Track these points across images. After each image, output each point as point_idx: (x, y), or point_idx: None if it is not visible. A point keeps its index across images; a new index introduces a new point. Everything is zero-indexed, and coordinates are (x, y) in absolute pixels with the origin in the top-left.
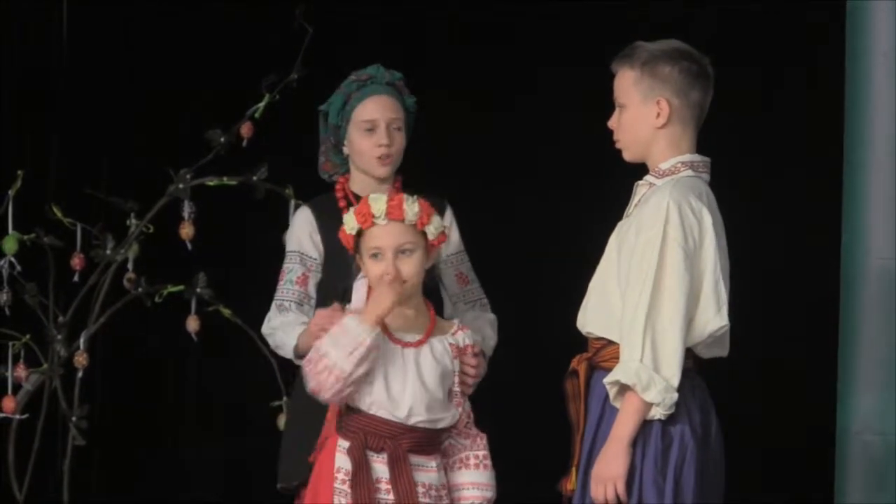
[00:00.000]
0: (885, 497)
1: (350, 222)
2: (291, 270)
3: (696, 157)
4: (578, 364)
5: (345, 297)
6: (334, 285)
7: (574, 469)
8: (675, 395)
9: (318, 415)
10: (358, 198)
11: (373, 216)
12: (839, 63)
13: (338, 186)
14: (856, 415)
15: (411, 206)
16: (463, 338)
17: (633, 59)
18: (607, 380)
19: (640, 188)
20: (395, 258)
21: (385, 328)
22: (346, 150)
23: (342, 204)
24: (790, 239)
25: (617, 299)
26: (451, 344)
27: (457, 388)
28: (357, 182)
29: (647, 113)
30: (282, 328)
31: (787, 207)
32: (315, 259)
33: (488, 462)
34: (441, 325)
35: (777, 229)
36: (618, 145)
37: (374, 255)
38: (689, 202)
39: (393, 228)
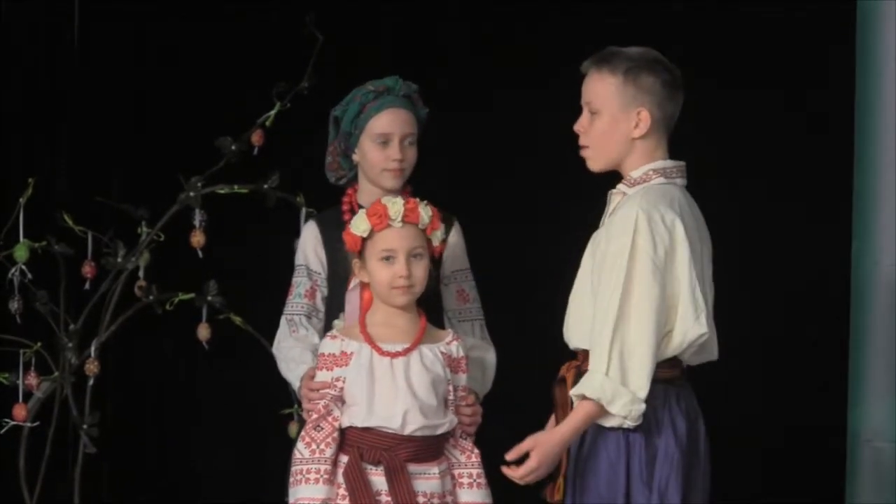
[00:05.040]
0: None
1: (361, 224)
2: (300, 284)
3: (669, 163)
4: (567, 371)
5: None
6: (336, 299)
7: (562, 478)
8: (643, 407)
9: None
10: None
11: (389, 218)
12: (850, 66)
13: (345, 199)
14: (866, 421)
15: (425, 210)
16: (457, 348)
17: (614, 64)
18: (573, 392)
19: (614, 197)
20: (408, 262)
21: (372, 340)
22: (355, 157)
23: (347, 217)
24: (800, 246)
25: (591, 310)
26: (443, 352)
27: (451, 397)
28: (365, 193)
29: (624, 122)
30: (287, 361)
31: (797, 214)
32: (320, 274)
33: (482, 480)
34: (433, 334)
35: (788, 234)
36: (585, 152)
37: (386, 259)
38: (659, 211)
39: (408, 231)
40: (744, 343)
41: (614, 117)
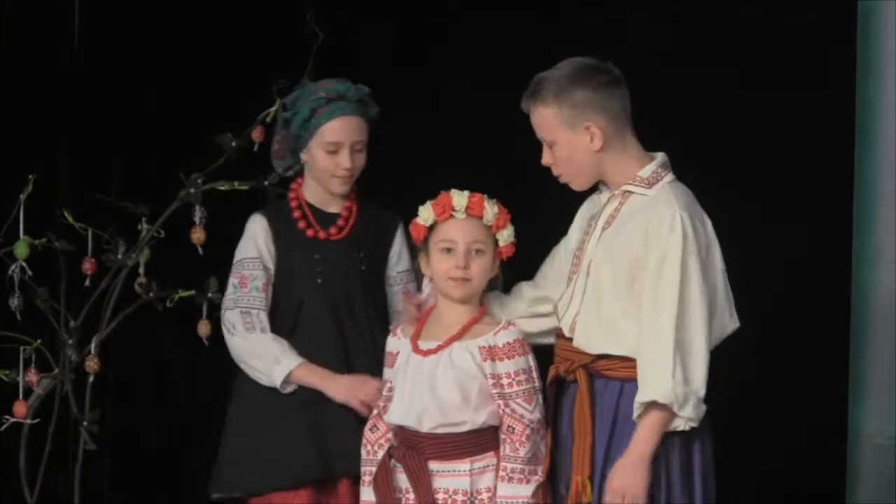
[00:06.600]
0: None
1: (425, 214)
2: (255, 277)
3: (665, 158)
4: (569, 372)
5: (300, 310)
6: (284, 297)
7: (588, 480)
8: (705, 408)
9: (262, 421)
10: (311, 207)
11: (452, 209)
12: (850, 66)
13: (291, 194)
14: (867, 419)
15: (491, 207)
16: (506, 335)
17: (543, 94)
18: (642, 399)
19: (615, 198)
20: (467, 255)
21: (415, 337)
22: (304, 157)
23: (296, 214)
24: (802, 243)
25: (618, 315)
26: (481, 347)
27: (494, 391)
28: (310, 190)
29: (580, 141)
30: (262, 356)
31: (799, 212)
32: (271, 269)
33: (521, 476)
34: (480, 328)
35: (789, 234)
36: (563, 180)
37: (447, 250)
38: (694, 210)
39: (470, 224)
40: (743, 342)
41: (569, 141)
